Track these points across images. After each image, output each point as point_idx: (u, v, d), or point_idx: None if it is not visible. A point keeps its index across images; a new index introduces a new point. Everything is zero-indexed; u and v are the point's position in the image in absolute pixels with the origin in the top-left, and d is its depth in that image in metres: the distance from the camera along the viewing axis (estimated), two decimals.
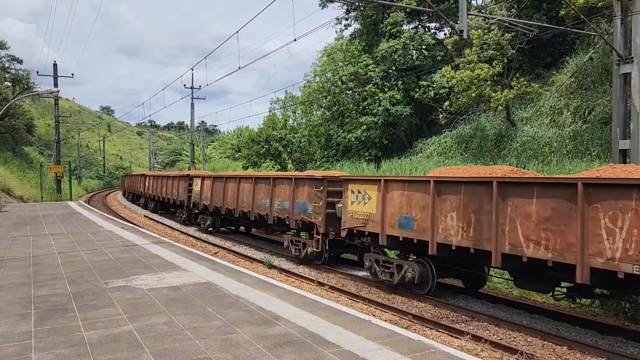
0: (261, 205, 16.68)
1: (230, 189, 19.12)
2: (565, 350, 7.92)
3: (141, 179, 36.03)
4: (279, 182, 15.73)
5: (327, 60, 34.51)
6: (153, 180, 31.35)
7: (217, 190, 20.30)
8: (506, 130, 24.78)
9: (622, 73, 13.41)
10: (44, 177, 44.53)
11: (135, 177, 41.46)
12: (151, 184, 31.78)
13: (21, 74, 49.68)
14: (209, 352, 5.47)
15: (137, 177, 38.99)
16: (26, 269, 10.19)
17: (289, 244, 15.55)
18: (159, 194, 29.32)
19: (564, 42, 26.28)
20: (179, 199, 25.46)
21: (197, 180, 22.83)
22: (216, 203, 20.39)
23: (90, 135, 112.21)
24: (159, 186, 29.54)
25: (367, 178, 12.19)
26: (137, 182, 38.19)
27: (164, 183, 28.22)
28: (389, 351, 5.56)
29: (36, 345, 5.69)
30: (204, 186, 21.63)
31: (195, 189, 22.88)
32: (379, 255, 11.86)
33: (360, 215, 11.84)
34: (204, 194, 21.67)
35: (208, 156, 68.83)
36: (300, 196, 14.41)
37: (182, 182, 24.95)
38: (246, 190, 17.76)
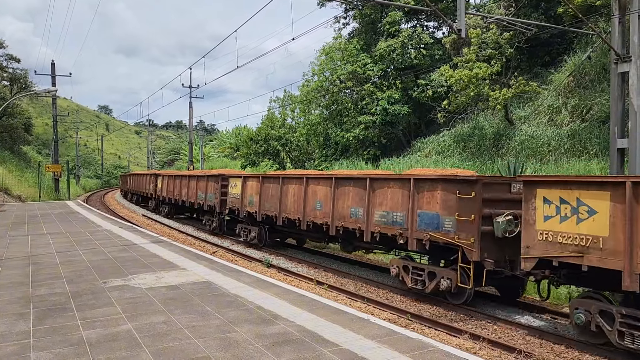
0: (348, 215, 12.29)
1: (291, 192, 14.77)
2: (563, 348, 7.94)
3: (151, 179, 32.03)
4: (382, 185, 11.28)
5: (326, 59, 34.52)
6: (169, 180, 27.36)
7: (269, 194, 15.93)
8: (504, 129, 24.82)
9: (620, 72, 13.44)
10: (42, 177, 44.43)
11: (142, 177, 36.19)
12: (166, 184, 27.77)
13: (19, 73, 49.56)
14: (208, 351, 5.48)
15: (146, 177, 34.36)
16: (24, 268, 10.18)
17: (399, 272, 11.05)
18: (177, 197, 25.36)
19: (562, 41, 26.32)
20: (207, 203, 21.28)
21: (235, 182, 18.61)
22: (268, 210, 15.97)
23: (89, 134, 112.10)
24: (177, 187, 25.59)
25: (582, 180, 7.59)
26: (145, 182, 33.91)
27: (185, 184, 24.14)
28: (387, 350, 5.57)
29: (35, 344, 5.69)
30: (247, 188, 17.44)
31: (233, 192, 18.60)
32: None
33: (568, 239, 7.51)
34: (247, 198, 17.40)
35: (206, 155, 68.81)
36: (426, 204, 10.15)
37: (211, 183, 20.77)
38: (320, 194, 13.40)
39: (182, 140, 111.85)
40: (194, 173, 24.39)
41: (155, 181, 30.47)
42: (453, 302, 10.11)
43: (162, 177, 29.10)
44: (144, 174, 35.76)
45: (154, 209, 31.33)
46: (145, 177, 34.71)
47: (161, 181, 29.02)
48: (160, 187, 29.14)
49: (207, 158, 67.17)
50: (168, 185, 27.34)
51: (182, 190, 24.74)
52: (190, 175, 23.85)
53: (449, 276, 9.77)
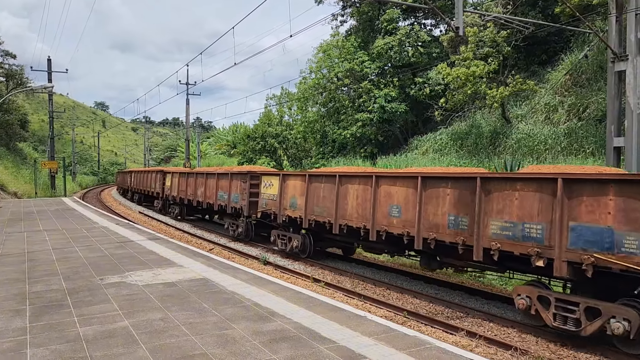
0: (444, 224, 9.42)
1: (352, 194, 11.80)
2: (559, 346, 7.97)
3: (157, 177, 28.99)
4: (502, 186, 8.44)
5: (323, 57, 34.51)
6: (180, 178, 24.52)
7: (320, 196, 12.88)
8: (501, 127, 24.88)
9: (617, 71, 13.47)
10: (38, 173, 44.30)
11: (147, 175, 32.55)
12: (176, 183, 24.98)
13: (15, 69, 49.42)
14: (205, 347, 5.48)
15: (151, 175, 30.99)
16: (21, 264, 10.16)
17: (531, 304, 8.16)
18: (191, 197, 22.65)
19: (559, 40, 26.38)
20: (230, 205, 18.34)
21: (270, 180, 15.45)
22: (318, 215, 12.92)
23: (85, 131, 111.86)
24: (191, 186, 22.73)
25: None
26: (150, 180, 30.74)
27: (202, 183, 21.22)
28: (384, 347, 5.58)
29: (31, 341, 5.68)
30: (288, 189, 14.35)
31: (267, 192, 15.42)
32: None
33: None
34: (288, 200, 14.33)
35: (203, 152, 68.72)
36: (585, 215, 7.27)
37: (237, 182, 17.85)
38: (399, 197, 10.51)
39: (178, 137, 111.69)
40: (213, 170, 21.29)
41: (163, 179, 27.84)
42: (631, 352, 7.31)
43: (172, 175, 26.16)
44: (149, 171, 32.14)
45: (160, 210, 28.71)
46: (150, 175, 31.32)
47: (170, 179, 26.24)
48: (169, 185, 26.40)
49: (203, 155, 67.09)
50: (180, 184, 24.52)
51: (197, 189, 21.89)
52: (208, 173, 20.87)
53: (627, 316, 6.95)
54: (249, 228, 17.93)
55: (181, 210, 25.38)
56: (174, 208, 26.21)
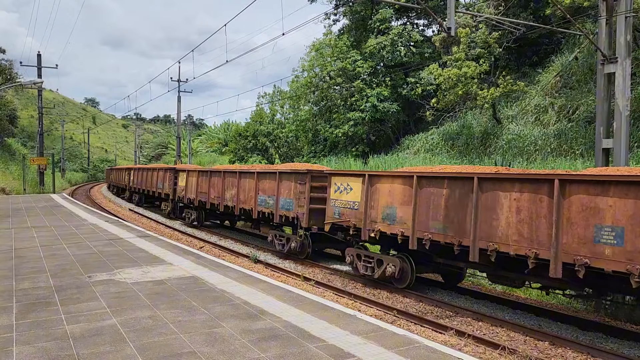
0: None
1: (508, 206, 8.35)
2: (547, 345, 8.03)
3: (167, 176, 24.88)
4: None
5: (316, 55, 34.48)
6: (200, 177, 20.54)
7: (440, 205, 9.56)
8: (492, 128, 25.01)
9: (606, 73, 13.58)
10: (27, 169, 43.87)
11: (152, 173, 28.30)
12: (194, 184, 20.97)
13: (4, 64, 48.78)
14: (194, 346, 5.46)
15: (158, 173, 26.91)
16: (7, 261, 10.05)
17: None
18: (216, 200, 18.86)
19: (550, 42, 26.56)
20: (278, 212, 14.59)
21: (345, 182, 11.95)
22: (434, 232, 9.63)
23: (75, 127, 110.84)
24: (216, 188, 18.91)
25: None
26: (157, 179, 26.82)
27: (233, 183, 17.53)
28: (373, 345, 5.59)
29: (17, 338, 5.62)
30: (378, 194, 10.97)
31: (342, 199, 11.96)
32: None
33: None
34: (380, 209, 10.92)
35: (194, 150, 68.41)
36: None
37: (289, 183, 14.12)
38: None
39: (170, 134, 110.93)
40: (248, 168, 17.96)
41: (175, 178, 23.85)
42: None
43: (188, 174, 22.03)
44: (155, 169, 28.08)
45: (170, 213, 25.03)
46: (156, 173, 27.28)
47: (185, 179, 22.20)
48: (183, 186, 22.47)
49: (195, 153, 66.79)
50: (199, 185, 20.51)
51: (225, 191, 18.15)
52: (242, 172, 17.17)
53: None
54: (306, 243, 14.27)
55: (199, 216, 21.53)
56: (189, 212, 22.27)
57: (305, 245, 14.30)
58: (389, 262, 11.03)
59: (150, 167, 30.69)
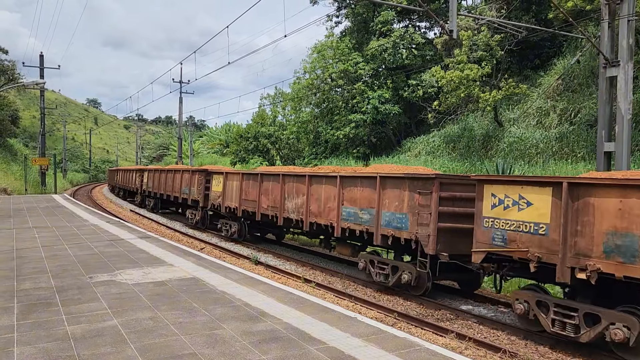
0: None
1: None
2: (547, 349, 8.01)
3: (196, 179, 20.96)
4: None
5: (317, 57, 34.52)
6: (245, 181, 16.88)
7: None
8: (493, 130, 25.00)
9: (609, 76, 13.58)
10: (29, 170, 43.95)
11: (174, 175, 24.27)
12: (235, 189, 17.44)
13: (6, 64, 48.93)
14: (194, 347, 5.46)
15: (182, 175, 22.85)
16: (9, 262, 10.06)
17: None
18: (272, 211, 15.15)
19: (552, 45, 26.57)
20: (392, 233, 10.62)
21: (502, 192, 8.18)
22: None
23: (77, 127, 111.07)
24: (272, 195, 15.08)
25: None
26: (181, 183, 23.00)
27: (301, 190, 13.69)
28: (374, 348, 5.59)
29: (19, 339, 5.62)
30: (597, 209, 6.89)
31: (510, 219, 8.03)
32: None
33: None
34: (602, 234, 6.81)
35: (196, 151, 68.51)
36: None
37: (401, 192, 10.39)
38: None
39: (171, 135, 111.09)
40: (325, 172, 13.36)
41: (207, 183, 20.05)
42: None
43: (228, 177, 18.12)
44: (179, 170, 23.69)
45: (197, 223, 21.53)
46: (180, 175, 23.11)
47: (223, 183, 18.21)
48: (220, 192, 18.46)
49: (196, 154, 66.88)
50: (245, 191, 16.77)
51: (286, 200, 14.36)
52: (315, 175, 13.28)
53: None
54: (426, 276, 10.29)
55: (241, 228, 17.87)
56: (228, 224, 18.45)
57: (425, 279, 10.36)
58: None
59: (170, 168, 26.46)
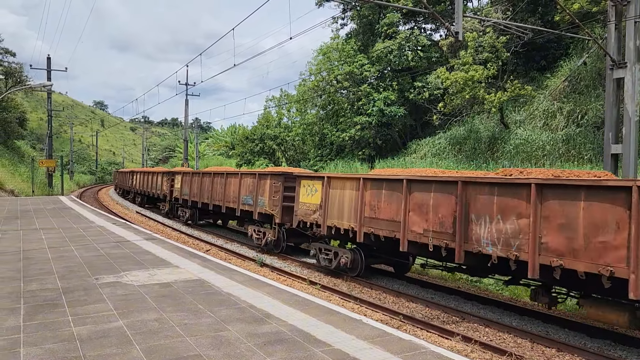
0: None
1: None
2: (554, 352, 7.96)
3: (270, 186, 15.66)
4: None
5: (323, 59, 34.55)
6: (372, 190, 11.34)
7: None
8: (499, 132, 24.92)
9: (615, 78, 13.51)
10: (36, 172, 44.21)
11: (218, 180, 19.73)
12: (354, 201, 11.80)
13: (14, 67, 49.30)
14: (200, 349, 5.46)
15: (230, 180, 18.59)
16: (16, 263, 10.12)
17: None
18: (438, 239, 9.52)
19: (559, 46, 26.46)
20: None
21: None
22: None
23: (83, 130, 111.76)
24: (434, 213, 9.66)
25: None
26: (230, 190, 18.44)
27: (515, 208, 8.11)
28: (379, 350, 5.57)
29: (25, 340, 5.65)
30: None
31: None
32: None
33: None
34: None
35: (202, 153, 68.68)
36: None
37: None
38: None
39: (177, 137, 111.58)
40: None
41: (289, 191, 15.02)
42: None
43: (331, 183, 12.70)
44: (235, 174, 18.48)
45: (269, 244, 16.22)
46: (237, 181, 17.86)
47: (322, 193, 12.90)
48: (317, 204, 13.15)
49: (202, 156, 67.06)
50: (371, 205, 11.36)
51: (476, 225, 8.79)
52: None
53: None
54: None
55: (357, 259, 12.55)
56: (328, 252, 13.30)
57: None
58: None
59: (222, 170, 20.77)
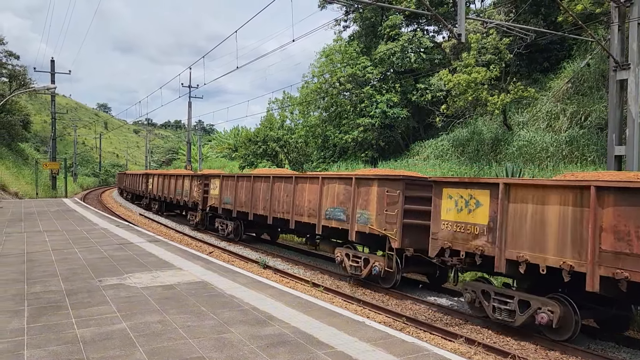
0: None
1: None
2: (558, 354, 7.94)
3: (335, 189, 12.99)
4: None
5: (325, 62, 34.58)
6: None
7: None
8: (502, 134, 24.88)
9: (619, 79, 13.49)
10: (40, 174, 44.35)
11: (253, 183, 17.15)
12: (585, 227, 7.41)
13: (18, 69, 49.49)
14: (202, 351, 5.47)
15: (282, 184, 15.47)
16: (20, 265, 10.15)
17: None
18: None
19: (562, 48, 26.41)
20: None
21: None
22: None
23: (87, 132, 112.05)
24: None
25: None
26: (279, 193, 15.49)
27: None
28: (382, 352, 5.56)
29: (29, 342, 5.67)
30: None
31: None
32: None
33: None
34: None
35: (205, 155, 68.80)
36: None
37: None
38: None
39: (180, 139, 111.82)
40: None
41: (434, 204, 9.87)
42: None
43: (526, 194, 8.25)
44: (311, 178, 14.32)
45: (376, 278, 12.07)
46: (313, 187, 13.98)
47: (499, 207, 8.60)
48: (487, 225, 8.76)
49: (205, 158, 67.16)
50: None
51: None
52: None
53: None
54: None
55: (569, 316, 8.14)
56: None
57: None
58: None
59: (281, 174, 16.43)
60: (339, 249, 13.08)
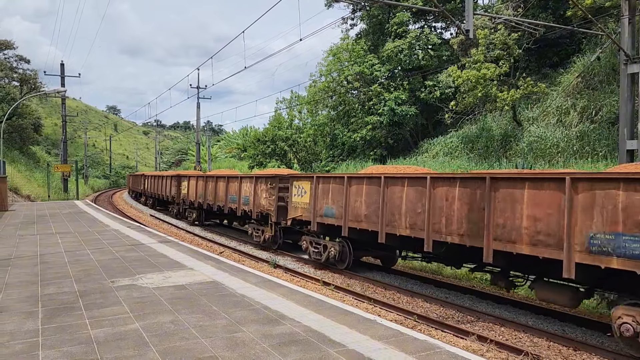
0: None
1: None
2: (571, 351, 7.88)
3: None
4: None
5: (333, 60, 34.56)
6: None
7: None
8: (512, 130, 24.71)
9: (630, 73, 13.34)
10: (51, 177, 44.79)
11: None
12: None
13: (29, 73, 50.01)
14: (215, 350, 5.49)
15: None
16: (33, 267, 10.26)
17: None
18: None
19: (571, 42, 26.18)
20: None
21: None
22: None
23: (97, 134, 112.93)
24: None
25: None
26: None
27: None
28: (394, 351, 5.56)
29: (43, 343, 5.73)
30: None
31: None
32: None
33: None
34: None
35: (214, 156, 69.09)
36: None
37: None
38: None
39: (189, 140, 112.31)
40: None
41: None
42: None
43: None
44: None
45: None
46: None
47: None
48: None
49: (214, 158, 67.43)
50: None
51: None
52: None
53: None
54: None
55: None
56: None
57: None
58: None
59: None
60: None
